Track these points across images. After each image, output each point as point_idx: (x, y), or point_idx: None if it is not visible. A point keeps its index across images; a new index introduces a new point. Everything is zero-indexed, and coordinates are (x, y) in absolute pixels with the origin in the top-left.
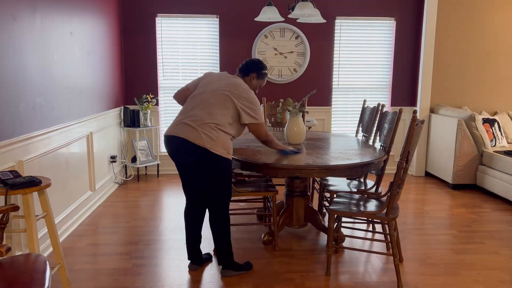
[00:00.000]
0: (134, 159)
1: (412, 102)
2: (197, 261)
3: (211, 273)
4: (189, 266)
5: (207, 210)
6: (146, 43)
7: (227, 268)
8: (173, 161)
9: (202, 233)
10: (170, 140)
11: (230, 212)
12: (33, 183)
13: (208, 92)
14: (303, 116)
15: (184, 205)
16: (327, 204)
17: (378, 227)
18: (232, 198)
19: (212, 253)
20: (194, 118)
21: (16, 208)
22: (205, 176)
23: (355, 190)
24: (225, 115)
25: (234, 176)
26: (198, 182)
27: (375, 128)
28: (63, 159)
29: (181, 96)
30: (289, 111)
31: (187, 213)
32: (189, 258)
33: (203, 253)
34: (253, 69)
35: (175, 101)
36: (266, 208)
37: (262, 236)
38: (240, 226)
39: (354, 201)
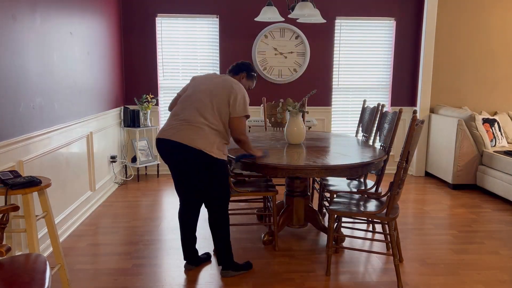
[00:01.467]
0: (134, 159)
1: (412, 102)
2: (192, 261)
3: (211, 273)
4: (185, 266)
5: (200, 210)
6: (146, 43)
7: (227, 269)
8: (166, 164)
9: (202, 233)
10: (163, 143)
11: (230, 212)
12: (33, 183)
13: (199, 92)
14: (303, 116)
15: None
16: (327, 204)
17: (378, 227)
18: (232, 198)
19: (212, 253)
20: (187, 120)
21: (16, 208)
22: (202, 178)
23: (355, 190)
24: (219, 113)
25: (234, 176)
26: (194, 184)
27: (375, 128)
28: (63, 159)
29: (173, 104)
30: (289, 111)
31: (181, 214)
32: (185, 259)
33: (202, 252)
34: (243, 69)
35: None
36: (266, 208)
37: (262, 236)
38: (240, 226)
39: (354, 201)
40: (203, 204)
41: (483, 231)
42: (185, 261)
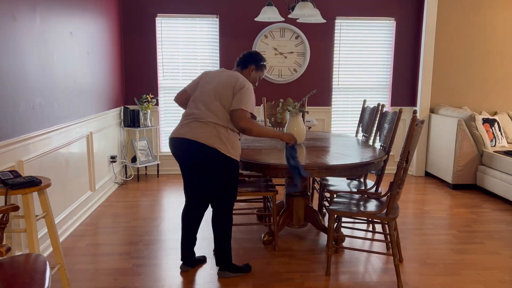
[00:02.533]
0: (134, 159)
1: (412, 102)
2: (189, 262)
3: (211, 273)
4: (181, 267)
5: (204, 212)
6: (146, 43)
7: (225, 270)
8: (178, 163)
9: (202, 233)
10: (176, 142)
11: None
12: (33, 183)
13: (209, 90)
14: (303, 116)
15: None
16: (327, 204)
17: (378, 227)
18: None
19: (211, 253)
20: (199, 118)
21: (16, 208)
22: (212, 178)
23: (355, 190)
24: (226, 108)
25: None
26: (204, 184)
27: (375, 128)
28: (63, 159)
29: (180, 98)
30: (289, 111)
31: (186, 214)
32: (182, 259)
33: (200, 253)
34: (251, 61)
35: (175, 101)
36: (266, 208)
37: (262, 236)
38: (240, 226)
39: (354, 201)
40: (209, 203)
41: (483, 231)
42: (181, 262)
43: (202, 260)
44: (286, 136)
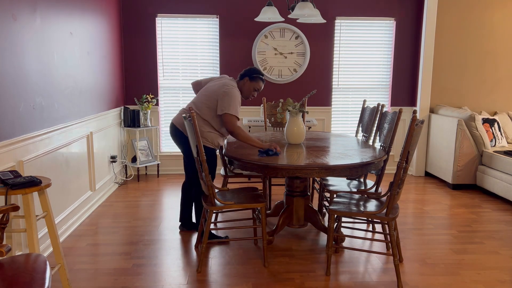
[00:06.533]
0: (134, 159)
1: (412, 102)
2: (184, 225)
3: (211, 273)
4: (180, 227)
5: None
6: (146, 43)
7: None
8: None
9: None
10: (173, 128)
11: (229, 211)
12: (33, 183)
13: (204, 90)
14: (303, 116)
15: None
16: (327, 204)
17: (378, 227)
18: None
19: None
20: (188, 113)
21: (16, 208)
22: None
23: (355, 190)
24: (210, 109)
25: (233, 176)
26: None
27: (375, 128)
28: (63, 159)
29: (194, 85)
30: (289, 111)
31: (184, 185)
32: (180, 220)
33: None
34: (245, 74)
35: (175, 101)
36: (253, 220)
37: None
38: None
39: (354, 201)
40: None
41: (483, 231)
42: (180, 223)
43: (218, 236)
44: (267, 146)
